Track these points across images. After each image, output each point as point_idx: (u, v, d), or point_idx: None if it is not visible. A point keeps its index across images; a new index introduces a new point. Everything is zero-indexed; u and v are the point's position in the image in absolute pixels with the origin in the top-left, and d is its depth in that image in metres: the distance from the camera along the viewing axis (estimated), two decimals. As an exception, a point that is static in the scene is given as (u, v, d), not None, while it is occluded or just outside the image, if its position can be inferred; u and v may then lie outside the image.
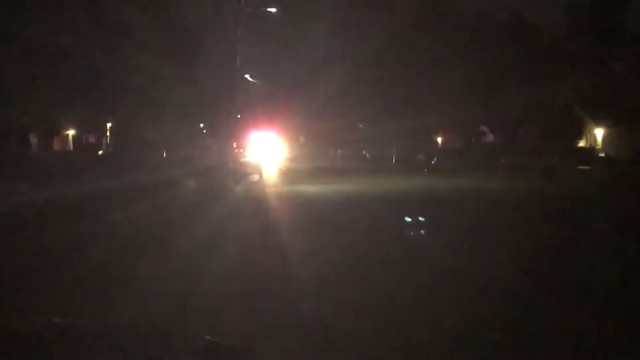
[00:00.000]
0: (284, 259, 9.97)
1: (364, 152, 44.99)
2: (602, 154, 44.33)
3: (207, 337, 5.78)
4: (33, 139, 41.63)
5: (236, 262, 9.69)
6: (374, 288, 8.09)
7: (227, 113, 51.67)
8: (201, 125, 56.87)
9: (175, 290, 7.58)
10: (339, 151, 52.22)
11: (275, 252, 10.65)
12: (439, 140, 54.62)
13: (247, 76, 47.51)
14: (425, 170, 34.00)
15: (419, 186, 24.06)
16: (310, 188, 22.92)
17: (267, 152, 36.27)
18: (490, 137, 54.40)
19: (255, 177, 27.95)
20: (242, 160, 34.99)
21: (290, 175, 30.80)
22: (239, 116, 53.27)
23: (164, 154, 40.67)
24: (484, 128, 54.47)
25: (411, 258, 10.15)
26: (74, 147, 47.88)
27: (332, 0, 49.57)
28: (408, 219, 14.25)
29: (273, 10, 42.20)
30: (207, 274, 8.67)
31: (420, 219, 14.09)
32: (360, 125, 49.58)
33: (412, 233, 12.98)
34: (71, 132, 48.79)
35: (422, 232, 12.98)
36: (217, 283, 8.15)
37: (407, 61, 43.47)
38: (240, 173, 28.30)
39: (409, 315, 6.90)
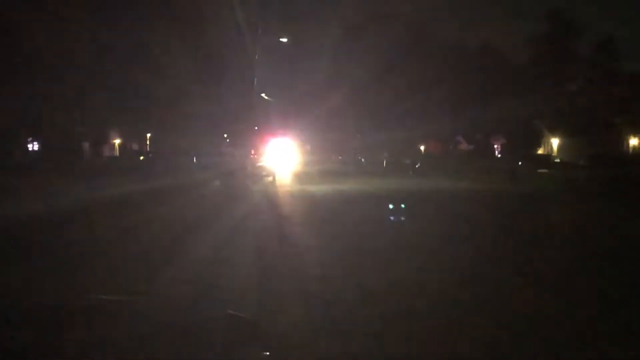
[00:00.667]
0: (292, 244, 9.97)
1: (359, 157, 44.97)
2: (558, 160, 44.30)
3: (229, 310, 5.85)
4: (86, 147, 41.81)
5: (254, 245, 9.68)
6: (367, 266, 8.08)
7: (246, 125, 51.81)
8: (225, 135, 56.97)
9: (206, 268, 7.57)
10: (340, 157, 52.24)
11: (285, 236, 10.73)
12: (422, 148, 54.61)
13: (263, 95, 47.70)
14: (411, 172, 33.89)
15: (405, 185, 23.95)
16: (314, 187, 22.91)
17: (280, 158, 36.22)
18: (464, 146, 54.37)
19: (269, 178, 28.04)
20: (258, 164, 35.05)
21: (298, 176, 30.77)
22: (256, 128, 53.41)
23: (194, 159, 40.70)
24: (459, 138, 54.49)
25: (394, 240, 10.25)
26: (119, 153, 48.20)
27: (335, 32, 49.72)
28: (391, 206, 14.22)
29: (284, 40, 42.46)
30: (232, 255, 8.66)
31: (402, 205, 14.09)
32: (358, 136, 49.63)
33: (392, 218, 13.07)
34: (117, 141, 49.13)
35: (402, 218, 12.97)
36: (236, 261, 8.17)
37: (397, 84, 43.57)
38: (257, 175, 28.44)
39: (394, 282, 7.00)
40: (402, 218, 13.03)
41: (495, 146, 53.02)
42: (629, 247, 9.83)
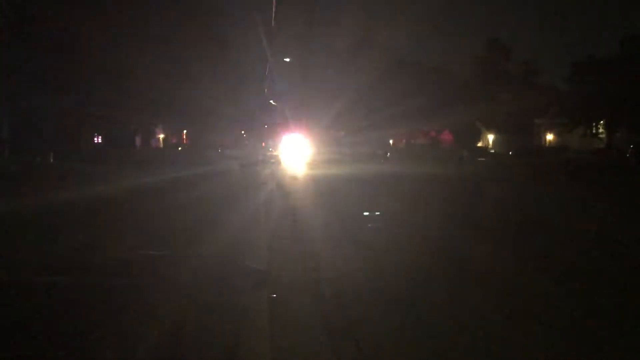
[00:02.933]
0: (295, 211, 9.89)
1: (347, 150, 45.15)
2: (492, 151, 44.55)
3: (247, 263, 5.88)
4: (138, 141, 41.54)
5: (266, 212, 9.65)
6: (353, 225, 8.14)
7: (259, 123, 51.73)
8: (242, 132, 56.76)
9: (231, 232, 7.51)
10: (334, 149, 52.31)
11: (289, 205, 10.74)
12: (391, 142, 54.53)
13: (271, 101, 47.61)
14: (382, 161, 33.86)
15: (377, 169, 24.23)
16: (310, 171, 23.09)
17: (289, 149, 36.34)
18: (422, 140, 54.35)
19: (276, 164, 28.19)
20: (268, 154, 35.09)
21: (298, 164, 30.84)
22: (265, 126, 53.28)
23: (219, 150, 40.56)
24: (417, 135, 54.50)
25: (373, 205, 10.18)
26: (163, 145, 47.86)
27: (332, 55, 49.59)
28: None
29: (287, 59, 42.40)
30: (248, 219, 8.63)
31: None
32: (343, 134, 49.61)
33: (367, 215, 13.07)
34: (161, 136, 48.86)
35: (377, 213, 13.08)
36: (251, 226, 8.14)
37: (377, 96, 43.72)
38: (266, 162, 28.59)
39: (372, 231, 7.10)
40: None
41: (445, 141, 53.26)
42: (536, 207, 11.05)
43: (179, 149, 43.71)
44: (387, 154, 38.01)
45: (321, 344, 3.48)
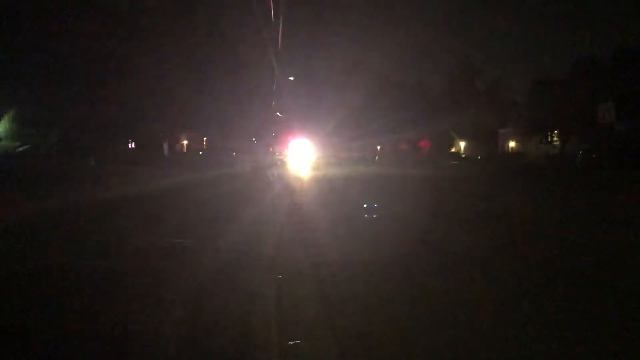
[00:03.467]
0: (298, 200, 10.05)
1: (342, 154, 45.29)
2: (464, 155, 44.62)
3: (258, 249, 5.83)
4: (165, 146, 41.59)
5: (276, 204, 9.79)
6: (349, 215, 8.27)
7: (267, 132, 51.75)
8: (253, 139, 56.75)
9: (246, 223, 7.56)
10: (333, 155, 52.42)
11: (292, 196, 10.99)
12: (379, 148, 54.69)
13: (278, 113, 47.58)
14: (370, 163, 33.95)
15: (366, 171, 24.35)
16: (311, 171, 23.25)
17: (294, 154, 36.45)
18: (403, 146, 54.56)
19: (283, 166, 28.36)
20: (274, 158, 35.26)
21: (301, 166, 30.97)
22: (273, 134, 53.30)
23: (234, 154, 40.56)
24: (401, 142, 54.64)
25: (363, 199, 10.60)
26: (186, 150, 47.72)
27: (332, 73, 49.87)
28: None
29: (291, 78, 42.52)
30: (258, 212, 8.69)
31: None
32: (339, 141, 49.77)
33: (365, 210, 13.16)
34: (185, 142, 48.66)
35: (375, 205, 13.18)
36: (261, 219, 8.13)
37: (369, 110, 43.79)
38: (273, 165, 28.80)
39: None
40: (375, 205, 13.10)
41: (424, 147, 53.44)
42: (499, 199, 11.41)
43: (200, 153, 43.67)
44: (375, 157, 38.08)
45: (318, 314, 3.60)
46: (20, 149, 25.75)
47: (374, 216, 8.51)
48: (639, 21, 60.46)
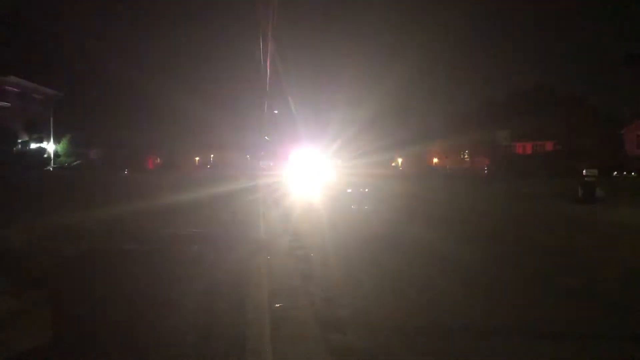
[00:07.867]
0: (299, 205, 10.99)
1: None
2: (401, 168, 45.96)
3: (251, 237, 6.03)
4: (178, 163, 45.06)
5: (283, 207, 10.68)
6: (344, 210, 9.65)
7: (260, 149, 55.34)
8: (247, 156, 60.28)
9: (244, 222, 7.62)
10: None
11: (294, 202, 12.06)
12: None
13: (266, 138, 46.94)
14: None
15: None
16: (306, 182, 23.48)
17: (293, 169, 30.79)
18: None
19: (279, 179, 27.07)
20: (271, 172, 32.62)
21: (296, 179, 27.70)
22: (262, 153, 54.15)
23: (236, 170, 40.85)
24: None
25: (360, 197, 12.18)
26: (198, 164, 50.46)
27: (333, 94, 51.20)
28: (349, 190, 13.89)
29: (275, 111, 40.66)
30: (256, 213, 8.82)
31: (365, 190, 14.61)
32: (340, 162, 46.50)
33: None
34: (197, 158, 52.38)
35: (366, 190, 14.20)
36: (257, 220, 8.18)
37: (372, 128, 44.41)
38: (275, 181, 25.27)
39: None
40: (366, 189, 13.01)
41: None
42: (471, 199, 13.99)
43: (208, 166, 46.86)
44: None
45: (298, 285, 4.03)
46: (74, 163, 30.06)
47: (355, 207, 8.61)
48: (528, 66, 65.95)
